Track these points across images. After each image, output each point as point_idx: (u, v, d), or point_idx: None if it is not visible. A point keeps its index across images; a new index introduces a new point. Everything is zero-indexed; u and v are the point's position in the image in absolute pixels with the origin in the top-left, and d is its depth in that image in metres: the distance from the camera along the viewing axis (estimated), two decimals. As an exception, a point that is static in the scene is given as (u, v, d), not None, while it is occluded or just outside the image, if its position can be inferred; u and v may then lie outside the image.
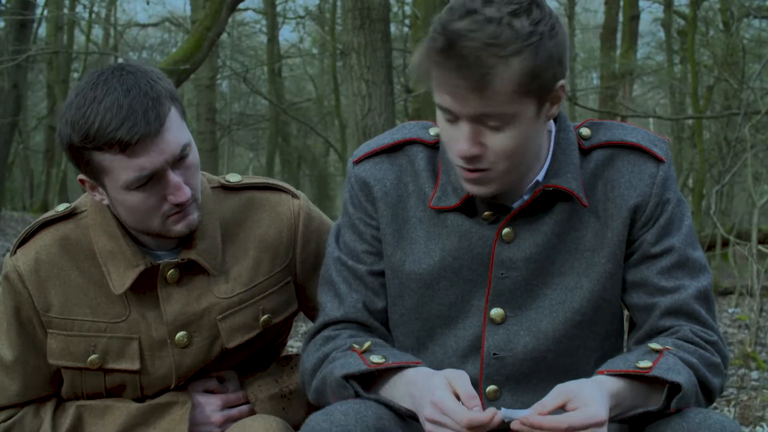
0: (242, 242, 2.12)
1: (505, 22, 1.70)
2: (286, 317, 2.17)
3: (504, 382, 1.93)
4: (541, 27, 1.73)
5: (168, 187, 1.92)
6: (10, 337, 2.08)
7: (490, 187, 1.85)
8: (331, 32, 15.99)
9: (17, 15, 12.27)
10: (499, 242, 1.91)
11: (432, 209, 1.95)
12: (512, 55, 1.70)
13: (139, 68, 1.92)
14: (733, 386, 5.07)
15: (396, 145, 2.01)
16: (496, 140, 1.78)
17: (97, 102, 1.85)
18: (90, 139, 1.86)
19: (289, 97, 22.03)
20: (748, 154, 7.83)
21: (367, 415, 1.73)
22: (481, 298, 1.93)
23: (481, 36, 1.70)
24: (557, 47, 1.75)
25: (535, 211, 1.91)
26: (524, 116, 1.77)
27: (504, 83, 1.71)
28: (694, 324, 1.88)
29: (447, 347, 1.96)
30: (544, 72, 1.73)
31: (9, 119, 12.91)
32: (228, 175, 2.20)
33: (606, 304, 1.93)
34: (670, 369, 1.74)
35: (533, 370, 1.93)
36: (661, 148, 1.94)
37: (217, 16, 8.77)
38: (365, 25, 6.52)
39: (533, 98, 1.76)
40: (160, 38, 23.63)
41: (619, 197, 1.91)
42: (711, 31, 14.37)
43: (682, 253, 1.90)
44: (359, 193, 2.01)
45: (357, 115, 6.55)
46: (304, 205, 2.18)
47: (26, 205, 20.69)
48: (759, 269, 6.42)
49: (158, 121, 1.86)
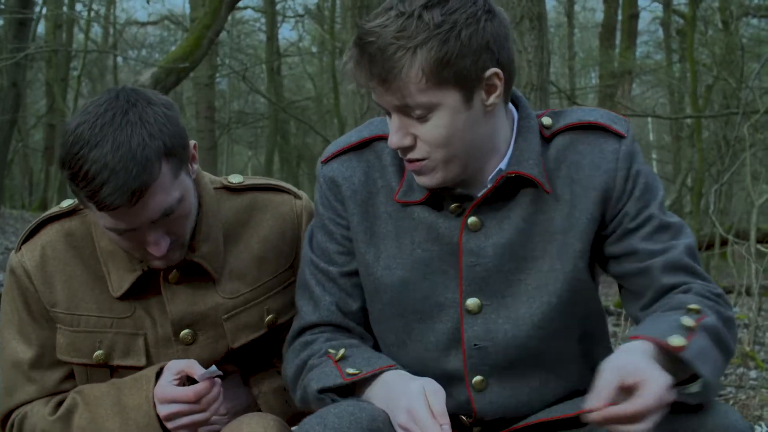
0: (246, 243, 2.12)
1: (416, 15, 1.74)
2: (290, 317, 2.17)
3: (489, 371, 1.93)
4: (456, 16, 1.75)
5: (145, 240, 1.92)
6: (25, 334, 2.08)
7: (434, 177, 1.86)
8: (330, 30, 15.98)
9: (16, 13, 12.26)
10: (466, 231, 1.92)
11: (398, 203, 1.96)
12: (418, 45, 1.73)
13: (143, 115, 1.86)
14: (732, 385, 5.07)
15: (363, 142, 2.01)
16: (424, 130, 1.81)
17: (89, 148, 1.82)
18: (75, 183, 1.85)
19: (288, 96, 22.02)
20: (747, 154, 7.84)
21: (361, 417, 1.74)
22: (455, 289, 1.94)
23: (390, 30, 1.74)
24: (478, 35, 1.76)
25: (500, 199, 1.92)
26: (447, 105, 1.78)
27: (411, 74, 1.74)
28: (695, 279, 1.88)
29: (427, 342, 1.96)
30: (458, 60, 1.74)
31: (8, 117, 12.91)
32: (230, 176, 2.20)
33: (581, 283, 1.93)
34: (701, 353, 1.71)
35: (517, 357, 1.93)
36: (621, 125, 1.94)
37: (216, 14, 8.77)
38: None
39: (452, 87, 1.77)
40: (159, 36, 23.63)
41: (584, 178, 1.91)
42: (710, 30, 14.38)
43: (661, 219, 1.91)
44: (328, 192, 2.01)
45: (356, 114, 6.54)
46: (306, 206, 2.19)
47: (25, 204, 20.67)
48: (757, 268, 6.42)
49: (138, 192, 1.82)
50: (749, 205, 8.05)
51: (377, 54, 1.75)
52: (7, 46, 12.09)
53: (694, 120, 12.78)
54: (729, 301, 1.90)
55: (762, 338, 6.72)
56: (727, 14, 12.92)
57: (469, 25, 1.75)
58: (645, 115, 17.19)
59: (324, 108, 21.62)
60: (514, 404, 1.95)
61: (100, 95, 1.93)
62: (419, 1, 1.75)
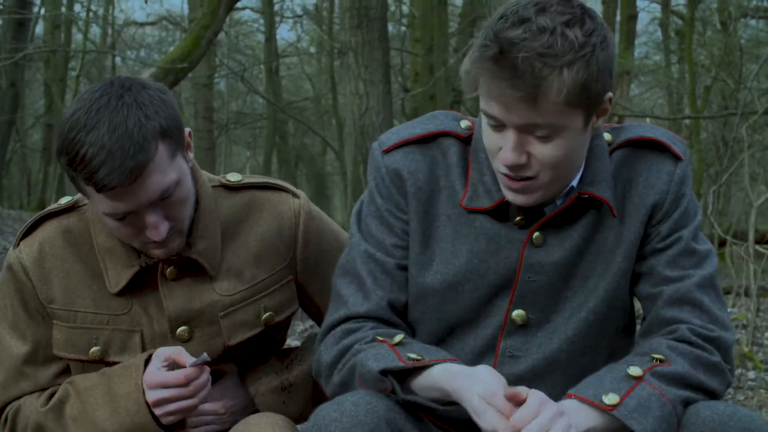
0: (243, 240, 2.12)
1: (559, 32, 1.69)
2: (287, 316, 2.18)
3: (516, 381, 1.90)
4: (594, 38, 1.72)
5: (144, 224, 1.93)
6: (20, 329, 2.08)
7: (533, 196, 1.83)
8: (328, 31, 15.99)
9: (15, 13, 12.26)
10: (529, 246, 1.90)
11: (462, 208, 1.93)
12: (565, 65, 1.68)
13: (138, 98, 1.89)
14: (730, 386, 5.07)
15: (429, 136, 1.96)
16: (542, 150, 1.77)
17: (86, 131, 1.84)
18: (73, 167, 1.86)
19: (286, 96, 22.01)
20: (746, 155, 7.83)
21: (377, 406, 1.73)
22: (504, 299, 1.92)
23: (535, 45, 1.68)
24: (608, 59, 1.74)
25: (565, 216, 1.90)
26: (572, 128, 1.76)
27: (556, 94, 1.69)
28: (696, 315, 1.86)
29: (465, 345, 1.95)
30: (594, 84, 1.72)
31: (6, 117, 12.91)
32: (228, 174, 2.20)
33: (619, 302, 1.93)
34: (638, 408, 1.71)
35: (546, 370, 1.92)
36: (680, 147, 1.93)
37: (214, 14, 8.77)
38: (363, 24, 6.52)
39: (582, 110, 1.75)
40: (157, 37, 23.60)
41: (636, 196, 1.90)
42: (709, 31, 14.39)
43: (688, 244, 1.89)
44: (390, 184, 1.95)
45: (354, 114, 6.55)
46: (304, 205, 2.18)
47: (24, 204, 20.65)
48: (756, 269, 6.42)
49: (136, 171, 1.84)
50: (747, 206, 8.05)
51: (524, 68, 1.68)
52: (6, 46, 12.09)
53: (692, 121, 12.80)
54: (723, 343, 1.86)
55: (760, 339, 6.71)
56: (726, 15, 12.93)
57: (604, 49, 1.73)
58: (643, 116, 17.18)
59: (322, 108, 21.63)
60: None
61: (95, 85, 1.95)
62: (559, 18, 1.71)
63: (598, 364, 1.91)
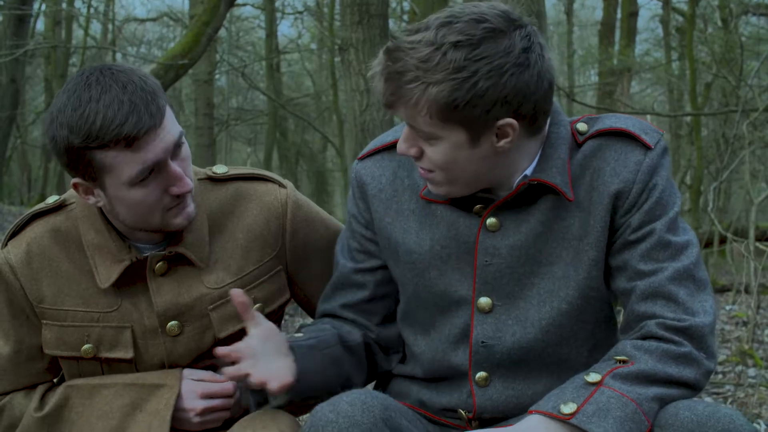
0: (231, 232, 2.13)
1: (443, 50, 1.74)
2: (277, 306, 2.19)
3: (494, 369, 1.96)
4: (480, 65, 1.73)
5: (169, 178, 1.93)
6: (4, 329, 2.09)
7: (440, 188, 1.91)
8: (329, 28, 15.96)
9: (15, 9, 12.26)
10: (483, 231, 1.94)
11: (423, 200, 1.99)
12: (432, 83, 1.74)
13: (125, 66, 1.94)
14: (730, 383, 5.07)
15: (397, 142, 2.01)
16: (429, 150, 1.85)
17: (95, 101, 1.85)
18: (93, 138, 1.85)
19: (287, 93, 22.00)
20: (746, 152, 7.84)
21: (373, 405, 1.75)
22: (468, 287, 1.96)
23: (416, 55, 1.75)
24: (497, 88, 1.75)
25: (522, 203, 1.93)
26: (450, 140, 1.81)
27: (419, 106, 1.76)
28: (670, 308, 1.84)
29: (442, 333, 2.00)
30: (466, 108, 1.75)
31: (7, 114, 12.91)
32: (214, 166, 2.21)
33: (593, 291, 1.94)
34: (597, 412, 1.72)
35: (523, 358, 1.95)
36: (652, 136, 1.92)
37: (215, 11, 8.75)
38: (364, 20, 6.51)
39: (458, 127, 1.78)
40: (158, 33, 23.59)
41: (602, 185, 1.91)
42: (709, 28, 14.37)
43: (662, 236, 1.87)
44: (356, 190, 2.08)
45: (355, 111, 6.54)
46: (291, 194, 2.19)
47: (24, 200, 20.66)
48: (756, 266, 6.41)
49: (159, 113, 1.88)
50: (748, 203, 8.05)
51: (395, 75, 1.77)
52: (6, 42, 12.09)
53: (693, 118, 12.79)
54: (696, 332, 1.83)
55: (760, 336, 6.71)
56: (727, 12, 12.92)
57: (490, 78, 1.74)
58: (644, 113, 17.18)
59: (323, 105, 21.62)
60: (515, 404, 1.95)
61: (68, 80, 1.97)
62: (453, 36, 1.74)
63: (581, 356, 1.95)
